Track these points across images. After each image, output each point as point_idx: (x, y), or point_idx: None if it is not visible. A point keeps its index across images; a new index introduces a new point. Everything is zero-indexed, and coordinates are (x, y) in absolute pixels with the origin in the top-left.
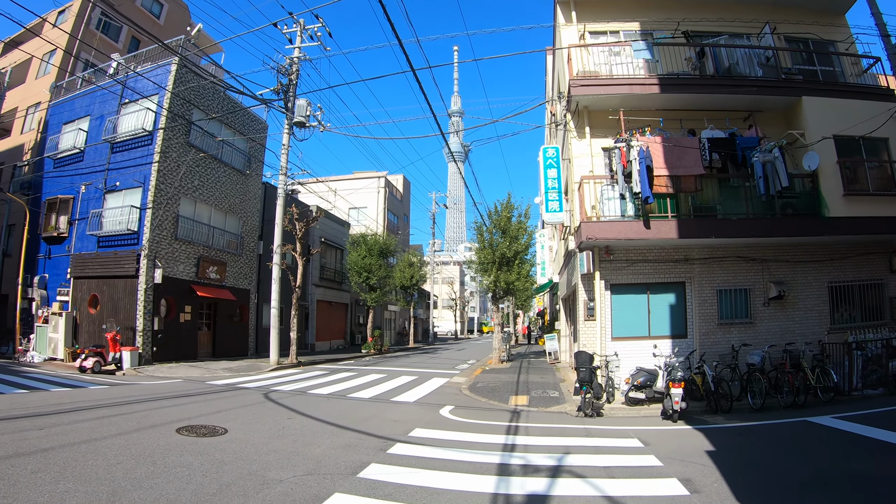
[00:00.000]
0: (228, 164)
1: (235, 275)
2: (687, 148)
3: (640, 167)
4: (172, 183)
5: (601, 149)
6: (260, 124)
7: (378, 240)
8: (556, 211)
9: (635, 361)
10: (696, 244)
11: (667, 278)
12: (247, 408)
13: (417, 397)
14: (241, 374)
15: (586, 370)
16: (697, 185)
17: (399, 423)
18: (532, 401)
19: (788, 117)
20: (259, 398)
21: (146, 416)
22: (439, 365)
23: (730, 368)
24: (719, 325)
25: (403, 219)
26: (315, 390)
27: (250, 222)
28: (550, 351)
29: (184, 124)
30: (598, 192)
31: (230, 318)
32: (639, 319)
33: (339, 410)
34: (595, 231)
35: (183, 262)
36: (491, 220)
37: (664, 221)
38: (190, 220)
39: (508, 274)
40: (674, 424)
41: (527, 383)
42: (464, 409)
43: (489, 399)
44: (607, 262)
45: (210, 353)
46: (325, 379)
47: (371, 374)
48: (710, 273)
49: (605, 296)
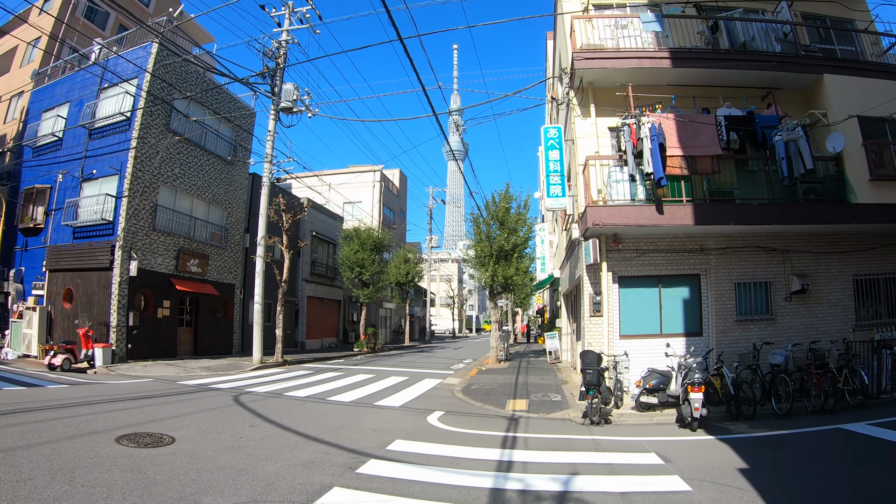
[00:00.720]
0: (212, 153)
1: (219, 269)
2: (702, 126)
3: (651, 145)
4: (150, 170)
5: (607, 129)
6: (247, 111)
7: (371, 234)
8: (559, 196)
9: (646, 362)
10: (713, 232)
11: (680, 270)
12: (208, 412)
13: (404, 401)
14: (219, 374)
15: (593, 372)
16: (714, 166)
17: (378, 433)
18: (532, 405)
19: (808, 97)
20: (227, 401)
21: (89, 422)
22: (433, 365)
23: (750, 370)
24: (738, 321)
25: (400, 214)
26: (293, 392)
27: (236, 214)
28: (551, 350)
29: (164, 109)
30: (604, 174)
31: (213, 314)
32: (649, 315)
33: (312, 416)
34: (602, 216)
35: (161, 254)
36: (488, 212)
37: (678, 206)
38: (169, 210)
39: (507, 268)
40: (693, 434)
41: (526, 385)
42: (455, 416)
43: (484, 403)
44: (615, 252)
45: (191, 350)
46: (308, 380)
47: (358, 375)
48: (727, 264)
49: (613, 289)
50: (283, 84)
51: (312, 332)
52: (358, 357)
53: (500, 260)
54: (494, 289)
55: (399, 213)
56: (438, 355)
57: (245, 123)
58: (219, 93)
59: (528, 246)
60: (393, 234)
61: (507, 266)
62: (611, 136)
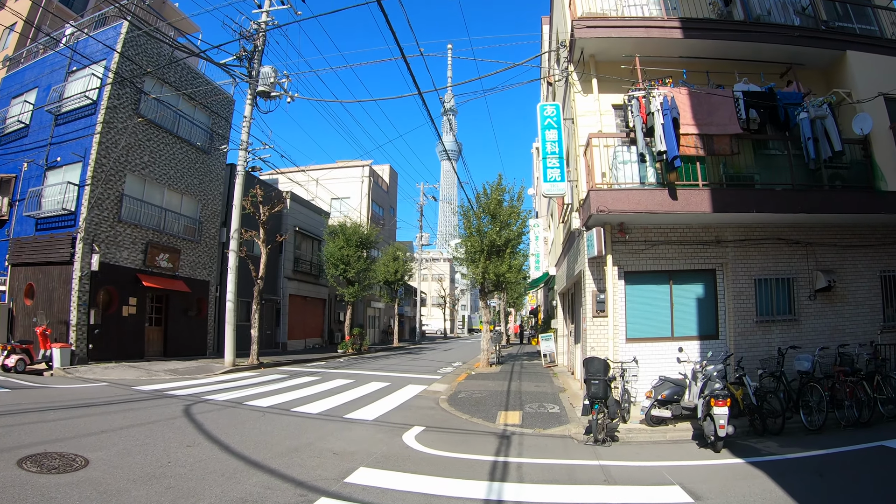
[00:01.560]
0: (187, 141)
1: (192, 264)
2: (719, 101)
3: (664, 120)
4: (116, 157)
5: (611, 106)
6: (225, 98)
7: (357, 229)
8: (556, 181)
9: (655, 369)
10: (731, 222)
11: (694, 264)
12: (146, 427)
13: (380, 413)
14: (184, 378)
15: (599, 383)
16: (733, 146)
17: (339, 458)
18: (526, 419)
19: (829, 76)
20: (175, 412)
21: (1, 436)
22: (419, 368)
23: (774, 377)
24: (758, 322)
25: (389, 211)
26: (255, 401)
27: (211, 206)
28: (546, 353)
29: (133, 92)
30: (609, 155)
31: (185, 312)
32: (659, 316)
33: (267, 433)
34: (607, 201)
35: (128, 247)
36: (479, 204)
37: (694, 191)
38: (137, 201)
39: (499, 265)
40: (717, 456)
41: (519, 394)
42: (436, 433)
43: (471, 416)
44: (621, 244)
45: (161, 351)
46: (279, 385)
47: (336, 380)
48: (746, 258)
49: (619, 286)
50: (262, 67)
51: (295, 333)
52: (341, 359)
53: (491, 256)
54: (485, 287)
55: (389, 209)
56: (427, 357)
57: (223, 111)
58: (195, 78)
59: (522, 241)
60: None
61: (499, 262)
62: (615, 114)
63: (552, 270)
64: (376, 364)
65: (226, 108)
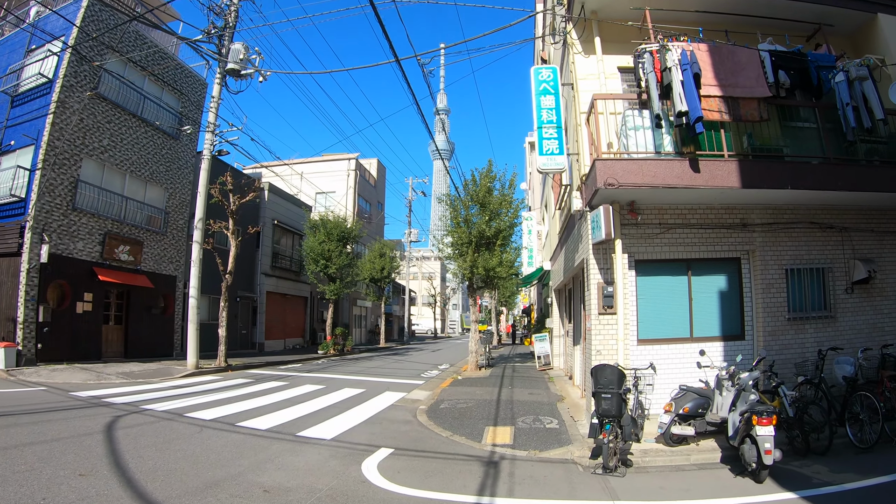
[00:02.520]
0: (152, 125)
1: (156, 257)
2: (744, 59)
3: (683, 76)
4: (72, 139)
5: (617, 69)
6: (198, 82)
7: (339, 222)
8: (554, 153)
9: (673, 376)
10: (758, 202)
11: (716, 252)
12: (49, 445)
13: (343, 429)
14: (136, 382)
15: (612, 397)
16: (762, 112)
17: (268, 500)
18: (519, 436)
19: (856, 41)
20: (97, 426)
21: None
22: (402, 371)
23: (812, 385)
24: (790, 320)
25: (377, 206)
26: (199, 412)
27: (179, 195)
28: (540, 355)
29: (93, 71)
30: (617, 123)
31: (148, 310)
32: (676, 313)
33: (192, 457)
34: (617, 173)
35: (83, 238)
36: (466, 192)
37: (719, 162)
38: (95, 188)
39: (488, 258)
40: (762, 489)
41: (511, 403)
42: (406, 458)
43: (453, 432)
44: (632, 227)
45: (121, 352)
46: (238, 392)
47: (305, 385)
48: (775, 245)
49: (629, 277)
50: (232, 44)
51: (273, 332)
52: (320, 361)
53: (480, 248)
54: (474, 283)
55: (376, 205)
56: (412, 359)
57: (194, 95)
58: (163, 59)
59: (514, 233)
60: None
61: (488, 256)
62: (622, 78)
63: (547, 265)
64: (356, 367)
65: (197, 92)
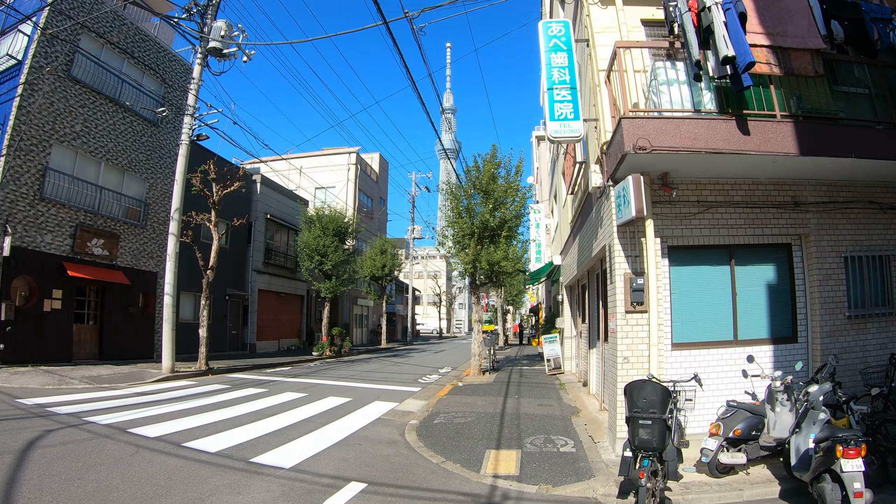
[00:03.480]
0: (131, 110)
1: (135, 252)
2: (793, 5)
3: (726, 16)
4: (40, 125)
5: (640, 21)
6: (182, 66)
7: (335, 216)
8: (568, 118)
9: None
10: (812, 176)
11: (762, 237)
12: None
13: (309, 453)
14: (100, 387)
15: (655, 424)
16: (815, 65)
17: None
18: (526, 463)
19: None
20: (16, 443)
21: None
22: (398, 376)
23: (881, 397)
24: (850, 318)
25: (379, 202)
26: (147, 427)
27: (161, 186)
28: (550, 358)
29: (67, 52)
30: (644, 80)
31: (125, 308)
32: (717, 310)
33: (102, 492)
34: (649, 133)
35: (52, 230)
36: (468, 179)
37: (771, 124)
38: (66, 176)
39: (493, 251)
40: None
41: (517, 417)
42: (381, 499)
43: (446, 458)
44: (664, 206)
45: (95, 353)
46: (207, 401)
47: (286, 393)
48: (832, 228)
49: (663, 267)
50: (214, 22)
51: (266, 333)
52: (312, 364)
53: (483, 240)
54: (477, 278)
55: (378, 200)
56: (412, 361)
57: (178, 80)
58: (144, 41)
59: (521, 224)
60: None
61: (493, 249)
62: (646, 32)
63: (556, 260)
64: (349, 371)
65: (182, 77)
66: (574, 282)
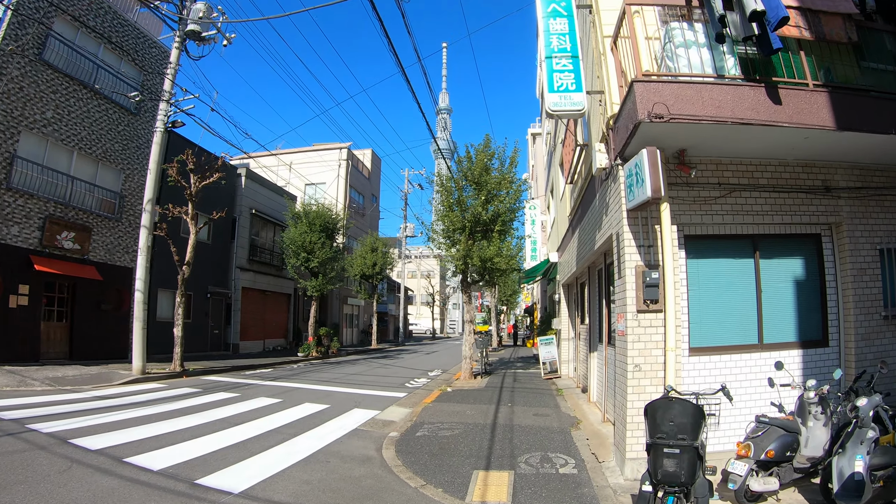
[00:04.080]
0: (106, 98)
1: (109, 246)
2: None
3: None
4: (8, 110)
5: None
6: (162, 53)
7: (322, 212)
8: (569, 90)
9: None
10: (844, 157)
11: (790, 226)
12: None
13: (267, 474)
14: (61, 390)
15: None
16: (848, 31)
17: None
18: (520, 489)
19: None
20: None
21: None
22: (384, 380)
23: None
24: (886, 318)
25: (371, 199)
26: (91, 437)
27: (138, 178)
28: (546, 360)
29: (39, 35)
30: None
31: (97, 305)
32: (740, 310)
33: None
34: (667, 98)
35: (18, 222)
36: (460, 170)
37: (804, 93)
38: (34, 165)
39: (485, 247)
40: None
41: (510, 430)
42: None
43: (426, 482)
44: (682, 188)
45: (66, 352)
46: (170, 406)
47: (259, 399)
48: (866, 216)
49: (679, 259)
50: (194, 4)
51: (251, 333)
52: (296, 365)
53: (475, 235)
54: (468, 275)
55: (370, 197)
56: (401, 363)
57: (158, 67)
58: (122, 26)
59: (516, 219)
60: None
61: (485, 244)
62: None
63: (553, 257)
64: (332, 373)
65: (162, 65)
66: (572, 279)
